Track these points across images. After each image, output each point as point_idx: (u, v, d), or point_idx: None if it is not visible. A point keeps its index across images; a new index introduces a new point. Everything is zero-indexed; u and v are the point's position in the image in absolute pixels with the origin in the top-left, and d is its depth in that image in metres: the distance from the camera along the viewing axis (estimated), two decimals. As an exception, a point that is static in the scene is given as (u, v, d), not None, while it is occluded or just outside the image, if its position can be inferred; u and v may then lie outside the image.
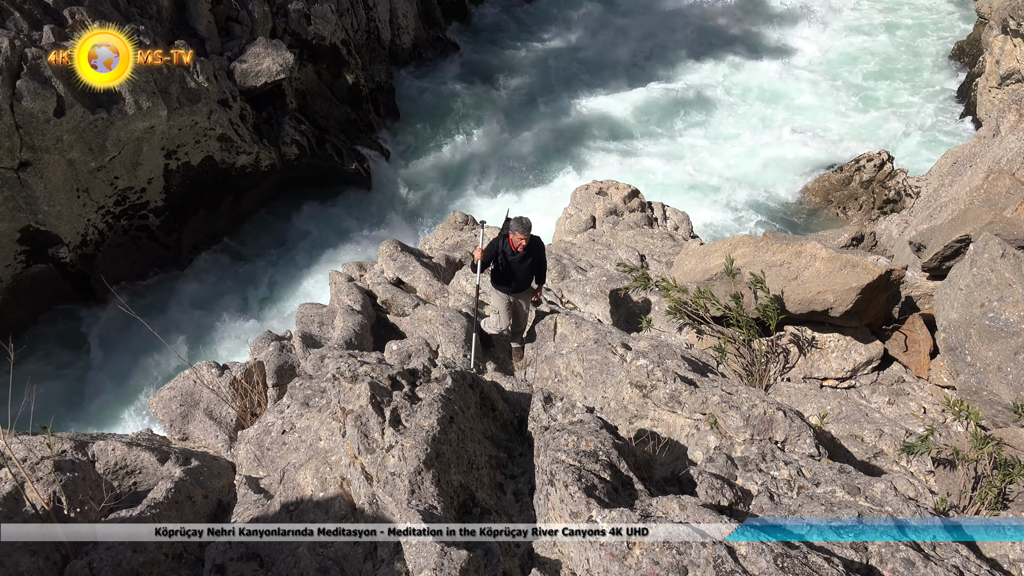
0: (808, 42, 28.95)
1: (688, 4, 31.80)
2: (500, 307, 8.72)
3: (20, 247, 16.02)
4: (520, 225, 8.02)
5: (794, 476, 4.71)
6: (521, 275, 8.41)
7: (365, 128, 22.82)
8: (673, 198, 20.79)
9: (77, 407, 15.64)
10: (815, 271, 8.03)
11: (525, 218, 8.14)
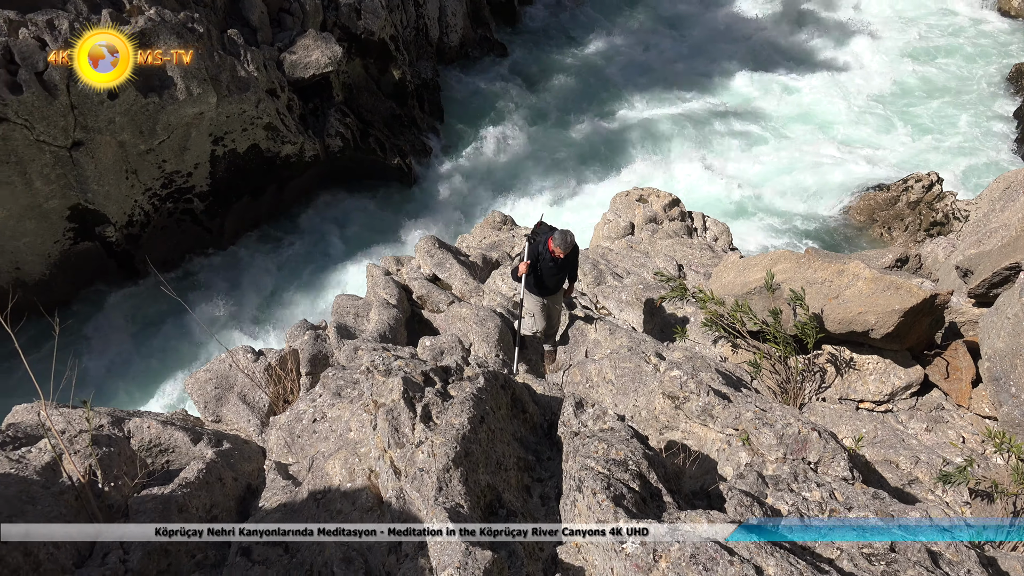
0: (861, 60, 28.45)
1: (739, 16, 31.48)
2: (534, 309, 8.76)
3: (69, 224, 16.40)
4: (563, 241, 8.05)
5: (826, 499, 4.63)
6: (553, 281, 8.50)
7: (409, 124, 22.96)
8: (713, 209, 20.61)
9: (114, 383, 15.96)
10: (857, 291, 7.89)
11: (570, 234, 8.15)
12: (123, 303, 17.43)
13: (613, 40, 29.57)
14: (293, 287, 18.49)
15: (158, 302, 17.22)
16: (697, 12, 31.71)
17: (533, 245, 8.36)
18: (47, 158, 15.15)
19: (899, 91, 26.59)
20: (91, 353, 16.28)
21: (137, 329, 17.03)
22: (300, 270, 18.95)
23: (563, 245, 8.01)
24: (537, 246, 8.31)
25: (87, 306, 17.22)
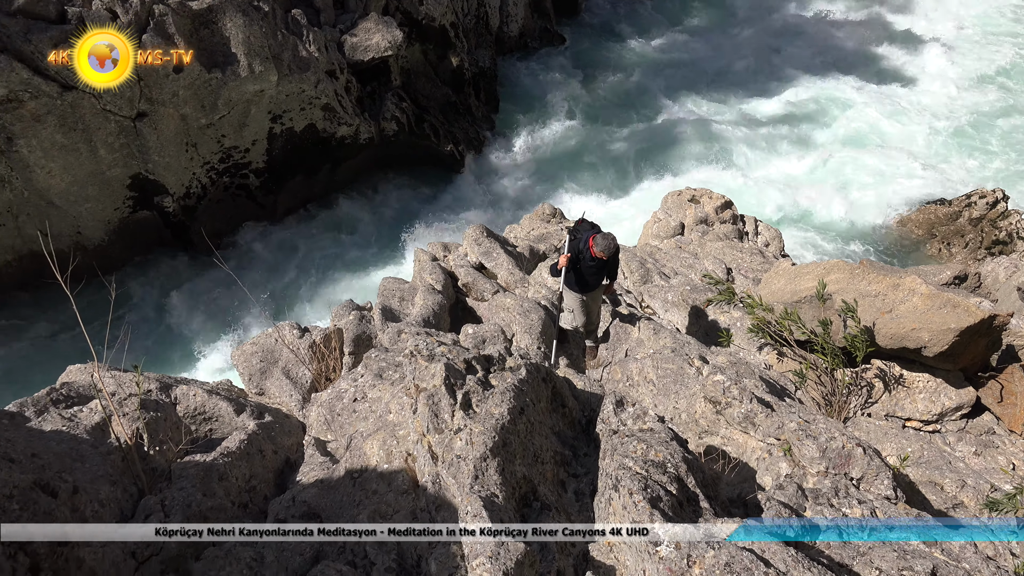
0: (930, 72, 27.61)
1: (808, 18, 30.80)
2: (573, 305, 8.71)
3: (129, 193, 16.83)
4: (606, 244, 7.91)
5: (867, 517, 4.53)
6: (593, 279, 8.43)
7: (464, 111, 23.02)
8: (766, 214, 20.28)
9: (161, 349, 16.36)
10: (912, 306, 7.69)
11: (612, 238, 8.01)
12: (176, 272, 17.85)
13: (674, 37, 29.20)
14: (340, 267, 18.72)
15: (209, 273, 17.59)
16: (762, 12, 31.14)
17: (574, 242, 8.30)
18: (112, 127, 15.56)
19: (970, 108, 25.78)
20: (142, 319, 16.72)
21: (187, 298, 17.43)
22: (348, 250, 19.17)
23: (605, 249, 7.90)
24: (578, 243, 8.24)
25: (141, 273, 17.68)
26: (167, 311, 17.15)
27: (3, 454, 3.96)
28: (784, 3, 31.76)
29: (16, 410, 5.97)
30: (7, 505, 3.29)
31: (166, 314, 17.10)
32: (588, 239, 8.06)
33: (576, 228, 8.55)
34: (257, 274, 17.98)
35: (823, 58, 28.14)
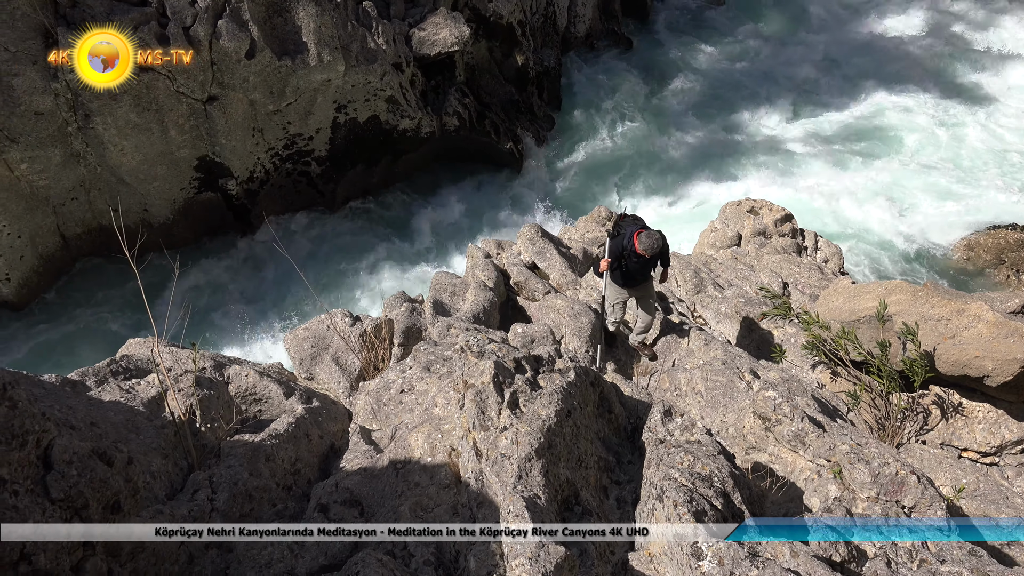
0: (1011, 91, 26.60)
1: (883, 31, 29.95)
2: (615, 300, 8.54)
3: (195, 174, 17.26)
4: (650, 244, 7.61)
5: (917, 547, 4.40)
6: (639, 274, 8.24)
7: (525, 110, 23.02)
8: (826, 229, 19.83)
9: (215, 328, 16.74)
10: (976, 333, 7.44)
11: (656, 235, 7.69)
12: (234, 254, 18.25)
13: (745, 45, 28.69)
14: (393, 258, 18.91)
15: (266, 257, 17.95)
16: (837, 23, 30.37)
17: (616, 240, 8.04)
18: (183, 109, 15.97)
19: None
20: (198, 297, 17.13)
21: (242, 280, 17.80)
22: (402, 242, 19.35)
23: (649, 248, 7.60)
24: (621, 240, 7.98)
25: (201, 253, 18.13)
26: (222, 291, 17.55)
27: (64, 420, 4.09)
28: (860, 15, 30.97)
29: (78, 378, 6.18)
30: (66, 471, 3.40)
31: (221, 294, 17.50)
32: (632, 235, 7.82)
33: (618, 224, 8.33)
34: (312, 260, 18.27)
35: (896, 72, 27.35)
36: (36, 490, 3.34)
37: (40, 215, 15.79)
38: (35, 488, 3.35)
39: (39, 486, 3.37)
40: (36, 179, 15.16)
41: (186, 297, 16.17)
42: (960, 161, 23.23)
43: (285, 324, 16.72)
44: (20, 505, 3.16)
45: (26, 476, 3.28)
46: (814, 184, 22.24)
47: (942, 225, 20.59)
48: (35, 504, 3.27)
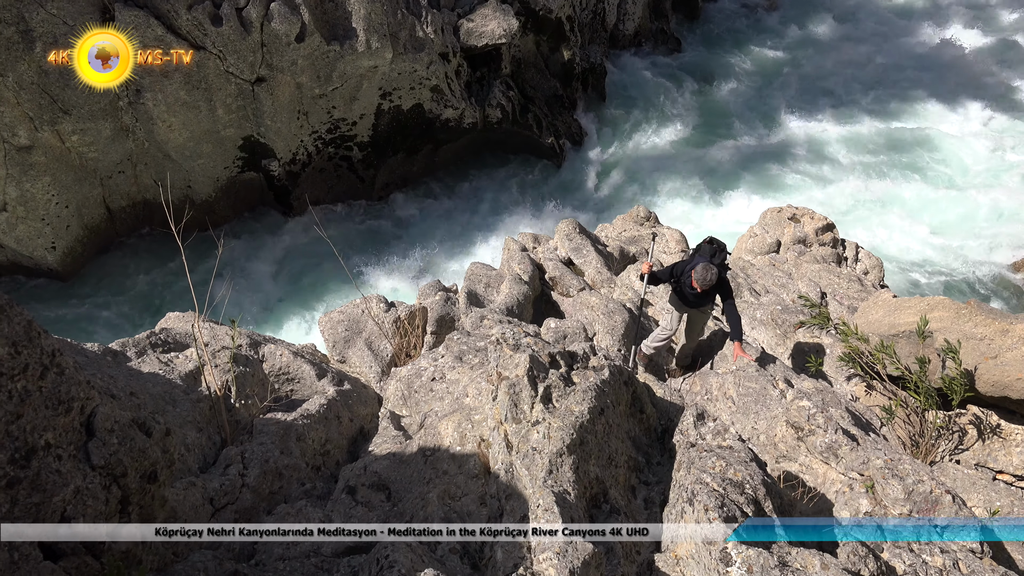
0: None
1: (940, 42, 29.26)
2: (669, 318, 8.44)
3: (240, 153, 17.49)
4: (702, 276, 7.43)
5: (948, 567, 4.33)
6: (694, 304, 8.12)
7: (569, 106, 22.94)
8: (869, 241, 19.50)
9: (251, 307, 16.97)
10: (1020, 354, 7.27)
11: (712, 272, 7.48)
12: (274, 234, 18.48)
13: (796, 51, 28.25)
14: (431, 247, 18.99)
15: (305, 239, 18.13)
16: (892, 30, 29.77)
17: (681, 263, 7.94)
18: (232, 89, 16.18)
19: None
20: (238, 276, 17.38)
21: (280, 260, 18.01)
22: (440, 231, 19.42)
23: (701, 281, 7.44)
24: (684, 264, 7.87)
25: (242, 232, 18.38)
26: (261, 270, 17.78)
27: (106, 389, 4.18)
28: (917, 24, 30.32)
29: (119, 349, 6.30)
30: (107, 439, 3.48)
31: (259, 273, 17.73)
32: (696, 264, 7.61)
33: (700, 246, 8.18)
34: (351, 245, 18.43)
35: (950, 85, 26.76)
36: (78, 456, 3.42)
37: (87, 187, 16.12)
38: (77, 454, 3.43)
39: (81, 452, 3.44)
40: (86, 151, 15.47)
41: (227, 274, 16.41)
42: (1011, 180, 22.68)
43: (320, 307, 16.89)
44: (63, 469, 3.24)
45: (69, 442, 3.36)
46: (858, 195, 21.88)
47: (991, 244, 20.14)
48: (77, 469, 3.35)
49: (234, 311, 15.80)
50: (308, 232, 17.92)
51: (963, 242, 20.20)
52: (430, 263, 18.55)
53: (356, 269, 17.76)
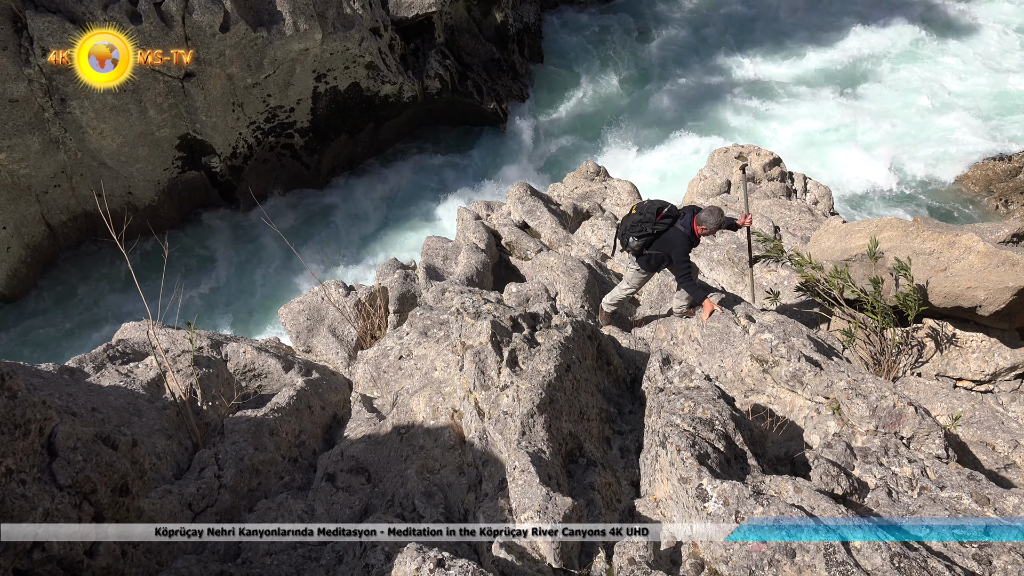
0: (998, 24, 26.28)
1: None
2: (633, 276, 8.24)
3: (178, 153, 17.07)
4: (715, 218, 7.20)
5: (917, 475, 4.47)
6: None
7: (507, 68, 22.74)
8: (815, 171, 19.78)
9: (210, 308, 16.72)
10: (967, 265, 7.47)
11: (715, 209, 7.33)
12: (223, 232, 18.14)
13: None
14: (384, 226, 18.83)
15: (256, 233, 17.85)
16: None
17: (683, 233, 7.38)
18: (161, 88, 15.73)
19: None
20: (192, 278, 17.08)
21: (234, 258, 17.73)
22: (391, 210, 19.25)
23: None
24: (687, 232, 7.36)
25: (190, 233, 18.01)
26: (215, 270, 17.48)
27: (66, 408, 4.10)
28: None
29: (75, 366, 6.17)
30: (72, 457, 3.42)
31: (214, 273, 17.43)
32: (692, 222, 7.26)
33: (661, 216, 7.54)
34: (301, 234, 18.18)
35: (879, 9, 27.04)
36: (43, 478, 3.36)
37: (24, 205, 15.63)
38: (42, 476, 3.37)
39: (46, 474, 3.38)
40: (16, 168, 14.98)
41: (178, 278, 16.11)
42: (946, 95, 23.12)
43: (280, 299, 16.70)
44: (29, 494, 3.18)
45: (32, 465, 3.30)
46: (800, 126, 22.13)
47: (932, 160, 20.57)
48: (44, 492, 3.29)
49: (192, 313, 15.56)
50: (259, 226, 17.64)
51: (907, 161, 20.60)
52: (385, 242, 18.41)
53: (312, 257, 17.56)
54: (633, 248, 7.43)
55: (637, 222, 7.38)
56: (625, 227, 7.50)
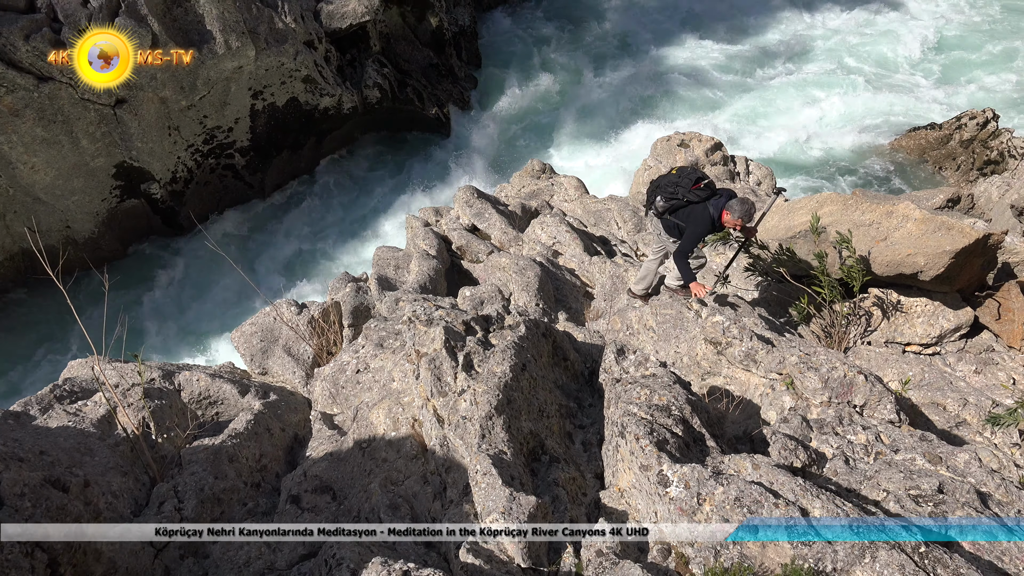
0: None
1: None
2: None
3: (115, 182, 16.67)
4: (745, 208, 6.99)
5: (872, 441, 4.58)
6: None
7: (446, 73, 22.70)
8: (757, 153, 20.14)
9: (162, 338, 16.37)
10: (906, 232, 7.67)
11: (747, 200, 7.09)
12: (169, 259, 17.78)
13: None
14: (334, 240, 18.65)
15: (203, 258, 17.52)
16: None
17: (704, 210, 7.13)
18: (92, 116, 15.35)
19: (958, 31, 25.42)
20: (140, 309, 16.70)
21: (183, 284, 17.38)
22: (340, 223, 19.08)
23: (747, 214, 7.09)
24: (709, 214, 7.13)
25: (135, 263, 17.61)
26: (161, 298, 17.12)
27: (11, 454, 3.98)
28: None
29: (20, 409, 6.00)
30: (19, 504, 3.31)
31: (162, 302, 17.07)
32: (722, 210, 7.04)
33: (693, 188, 7.25)
34: (250, 254, 17.91)
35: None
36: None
37: (-43, 247, 15.16)
38: (-10, 525, 3.26)
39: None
40: (-54, 211, 14.51)
41: (125, 310, 15.74)
42: (877, 68, 23.73)
43: (233, 322, 16.42)
44: (-24, 543, 3.08)
45: (-22, 514, 3.19)
46: (738, 109, 22.51)
47: (866, 133, 21.09)
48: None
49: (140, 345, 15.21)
50: (204, 250, 17.32)
51: (844, 136, 21.10)
52: (336, 257, 18.23)
53: (262, 277, 17.31)
54: (657, 208, 7.33)
55: (672, 183, 7.17)
56: (658, 184, 7.30)
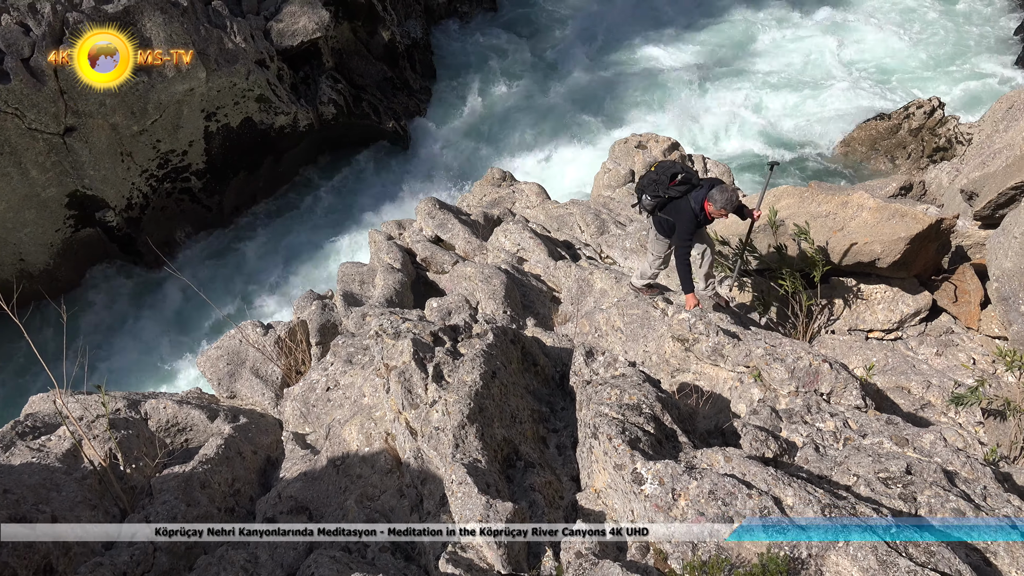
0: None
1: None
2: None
3: (69, 211, 16.37)
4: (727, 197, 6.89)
5: (840, 428, 4.66)
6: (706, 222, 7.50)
7: (401, 86, 22.69)
8: (715, 151, 20.42)
9: (126, 367, 16.08)
10: (862, 221, 7.84)
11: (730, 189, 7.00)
12: (128, 287, 17.49)
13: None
14: (297, 258, 18.49)
15: (163, 284, 17.27)
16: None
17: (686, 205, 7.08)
18: (41, 146, 15.07)
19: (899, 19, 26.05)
20: (101, 339, 16.39)
21: (145, 312, 17.10)
22: (303, 241, 18.93)
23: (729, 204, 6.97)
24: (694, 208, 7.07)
25: (93, 293, 17.28)
26: (127, 328, 16.83)
27: (-26, 492, 3.88)
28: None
29: (-18, 447, 5.84)
30: (-16, 541, 3.23)
31: (126, 331, 16.78)
32: (703, 201, 6.97)
33: (674, 184, 7.19)
34: (212, 278, 17.68)
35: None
36: (-44, 569, 3.17)
37: (-93, 287, 14.73)
38: (-45, 567, 3.18)
39: (-42, 564, 3.19)
40: None
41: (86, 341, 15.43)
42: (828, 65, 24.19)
43: (196, 347, 16.19)
44: (-60, 588, 2.99)
45: (-59, 557, 3.11)
46: (694, 109, 22.79)
47: (818, 127, 21.48)
48: (-42, 583, 3.11)
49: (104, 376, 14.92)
50: (165, 276, 17.07)
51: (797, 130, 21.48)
52: (300, 275, 18.08)
53: (225, 300, 17.09)
54: (646, 206, 7.37)
55: (652, 182, 7.21)
56: (642, 184, 7.35)
